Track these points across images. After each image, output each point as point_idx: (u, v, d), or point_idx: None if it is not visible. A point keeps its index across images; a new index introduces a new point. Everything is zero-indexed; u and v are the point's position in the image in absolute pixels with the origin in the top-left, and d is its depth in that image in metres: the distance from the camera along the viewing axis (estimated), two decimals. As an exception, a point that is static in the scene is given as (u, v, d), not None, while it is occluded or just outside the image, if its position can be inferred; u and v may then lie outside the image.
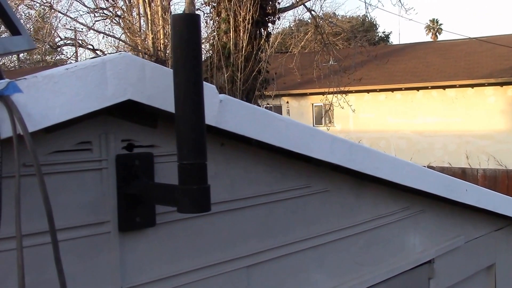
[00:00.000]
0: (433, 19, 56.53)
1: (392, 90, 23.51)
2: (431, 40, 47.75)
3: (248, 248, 1.90)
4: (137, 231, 1.56)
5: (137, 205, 1.53)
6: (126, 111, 1.50)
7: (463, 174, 13.07)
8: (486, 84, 21.71)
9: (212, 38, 14.05)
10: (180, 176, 1.34)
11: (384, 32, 48.26)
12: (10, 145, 1.22)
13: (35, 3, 18.81)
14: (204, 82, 1.45)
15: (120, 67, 1.41)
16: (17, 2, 17.97)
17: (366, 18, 30.19)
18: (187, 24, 1.33)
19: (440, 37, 51.96)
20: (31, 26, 21.72)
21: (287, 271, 2.06)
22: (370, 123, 23.84)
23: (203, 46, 16.51)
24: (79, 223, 1.44)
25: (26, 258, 1.22)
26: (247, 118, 1.74)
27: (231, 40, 13.08)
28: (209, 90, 1.60)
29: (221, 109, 1.65)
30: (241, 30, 12.97)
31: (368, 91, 23.65)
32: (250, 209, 1.90)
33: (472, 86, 22.01)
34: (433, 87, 22.69)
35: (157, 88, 1.49)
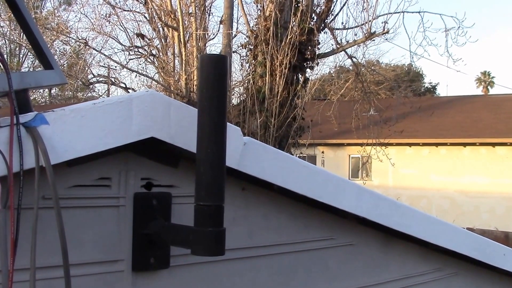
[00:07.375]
0: (485, 72, 56.50)
1: (437, 145, 23.27)
2: (482, 93, 47.42)
3: (265, 299, 1.92)
4: (150, 272, 1.62)
5: (152, 245, 1.59)
6: (148, 149, 1.58)
7: (506, 238, 12.72)
8: (540, 143, 21.33)
9: (247, 81, 14.27)
10: (196, 217, 1.40)
11: (430, 82, 48.19)
12: (30, 177, 1.30)
13: (70, 39, 19.63)
14: (229, 124, 1.52)
15: (146, 104, 1.50)
16: (52, 37, 18.78)
17: (412, 68, 30.31)
18: (214, 64, 1.41)
19: (492, 91, 51.68)
20: (65, 62, 22.58)
21: (305, 327, 2.06)
22: (411, 179, 23.50)
23: (237, 89, 16.85)
24: (93, 259, 1.51)
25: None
26: (270, 163, 1.80)
27: (267, 84, 13.26)
28: (233, 132, 1.67)
29: (244, 152, 1.71)
30: (278, 75, 13.15)
31: (410, 144, 23.46)
32: (268, 258, 1.93)
33: (525, 145, 21.65)
34: (481, 144, 22.35)
35: (181, 128, 1.56)
